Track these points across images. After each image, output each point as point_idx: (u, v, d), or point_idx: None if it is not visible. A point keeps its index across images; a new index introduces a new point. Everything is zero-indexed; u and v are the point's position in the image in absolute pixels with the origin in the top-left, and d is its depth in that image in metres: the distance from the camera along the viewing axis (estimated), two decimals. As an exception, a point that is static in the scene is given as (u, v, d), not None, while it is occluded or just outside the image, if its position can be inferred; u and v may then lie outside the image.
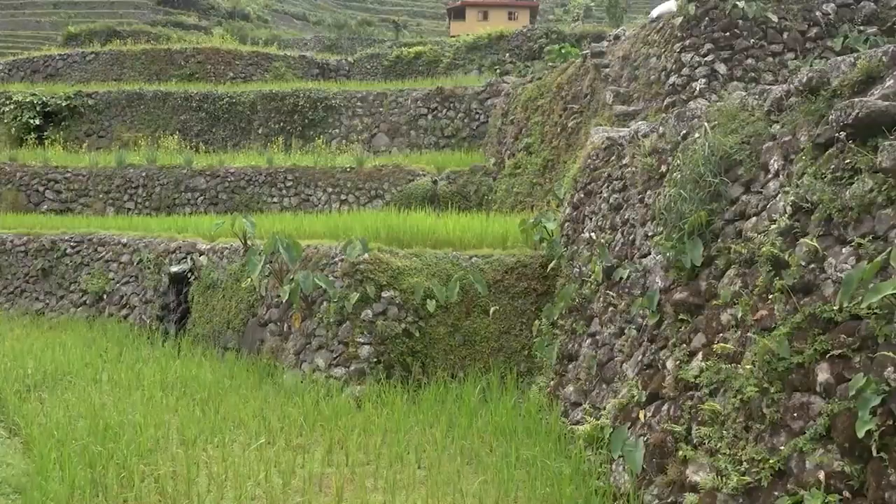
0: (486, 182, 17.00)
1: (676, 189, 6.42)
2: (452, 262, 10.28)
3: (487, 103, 20.33)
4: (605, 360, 7.65)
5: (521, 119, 16.58)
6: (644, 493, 5.78)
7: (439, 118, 21.09)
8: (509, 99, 17.79)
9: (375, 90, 22.60)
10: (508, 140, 16.98)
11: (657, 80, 11.61)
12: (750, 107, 6.07)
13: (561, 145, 14.38)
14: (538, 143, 15.40)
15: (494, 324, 10.01)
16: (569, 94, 14.73)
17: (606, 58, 13.43)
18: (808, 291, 4.77)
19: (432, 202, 16.74)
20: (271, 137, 22.31)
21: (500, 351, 9.93)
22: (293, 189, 19.12)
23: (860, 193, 4.42)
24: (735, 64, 10.50)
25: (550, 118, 15.24)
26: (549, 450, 7.01)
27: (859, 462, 4.02)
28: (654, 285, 6.89)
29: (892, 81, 4.49)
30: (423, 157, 19.41)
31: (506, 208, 15.38)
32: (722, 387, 5.36)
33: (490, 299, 10.05)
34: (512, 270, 10.24)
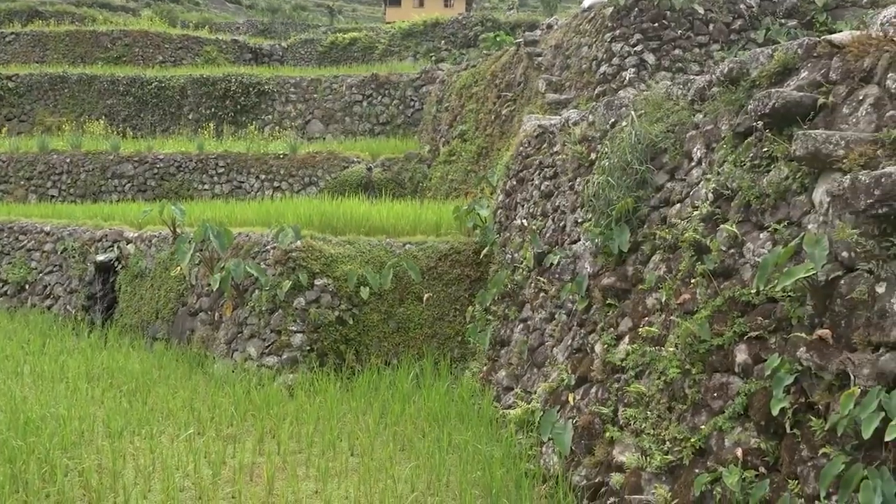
0: (420, 169, 16.99)
1: (604, 176, 6.53)
2: (386, 250, 10.26)
3: (422, 90, 20.29)
4: (536, 345, 7.76)
5: (456, 106, 16.62)
6: (572, 474, 5.90)
7: (374, 105, 20.96)
8: (444, 86, 17.79)
9: (310, 76, 22.29)
10: (443, 127, 17.00)
11: (588, 69, 11.77)
12: (675, 96, 6.21)
13: (495, 133, 14.47)
14: (473, 131, 15.46)
15: (428, 310, 10.05)
16: (503, 82, 14.81)
17: (539, 46, 13.55)
18: (728, 276, 4.92)
19: (367, 189, 16.66)
20: (202, 123, 21.82)
21: (434, 337, 9.98)
22: (225, 176, 18.76)
23: (776, 181, 4.58)
24: (663, 54, 10.73)
25: (485, 106, 15.31)
26: (481, 434, 7.09)
27: (774, 439, 4.18)
28: (584, 271, 7.01)
29: (806, 73, 4.65)
30: (358, 143, 19.27)
31: (440, 195, 15.41)
32: (647, 369, 5.50)
33: (424, 286, 10.08)
34: (446, 257, 10.28)
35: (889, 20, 4.08)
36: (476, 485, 6.07)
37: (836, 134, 4.04)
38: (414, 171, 17.06)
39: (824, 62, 4.56)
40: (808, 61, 4.70)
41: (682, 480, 4.72)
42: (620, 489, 5.22)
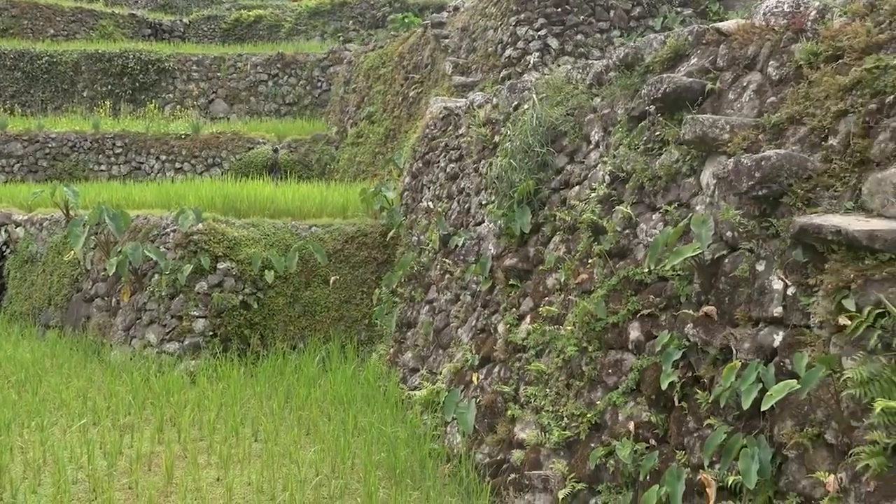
0: (328, 151, 16.77)
1: (507, 159, 6.61)
2: (292, 232, 10.11)
3: (330, 71, 19.98)
4: (441, 327, 7.81)
5: (364, 88, 16.46)
6: (476, 453, 5.99)
7: (280, 85, 20.52)
8: (352, 67, 17.59)
9: (213, 54, 21.60)
10: (351, 109, 16.82)
11: (494, 52, 11.86)
12: (574, 80, 6.32)
13: (403, 115, 14.41)
14: (380, 113, 15.35)
15: (335, 293, 9.97)
16: (410, 64, 14.76)
17: (446, 28, 13.55)
18: (622, 255, 5.07)
19: (273, 171, 16.33)
20: (98, 101, 20.87)
21: (341, 320, 9.92)
22: (123, 156, 18.04)
23: (668, 163, 4.73)
24: (566, 39, 10.91)
25: (392, 87, 15.23)
26: (386, 416, 7.10)
27: (664, 412, 4.35)
28: (487, 252, 7.09)
29: (696, 59, 4.81)
30: (264, 124, 18.84)
31: (348, 177, 15.26)
32: (547, 348, 5.62)
33: (330, 269, 9.99)
34: (352, 239, 10.21)
35: (771, 10, 4.26)
36: (381, 466, 6.08)
37: (722, 119, 4.21)
38: (321, 152, 16.83)
39: (712, 49, 4.73)
40: (698, 48, 4.86)
41: (578, 455, 4.86)
42: (521, 465, 5.33)
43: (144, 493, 5.68)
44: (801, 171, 3.65)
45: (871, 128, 3.44)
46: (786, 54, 4.12)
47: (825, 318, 3.31)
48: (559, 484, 4.86)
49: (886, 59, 3.43)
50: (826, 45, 3.82)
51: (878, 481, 2.91)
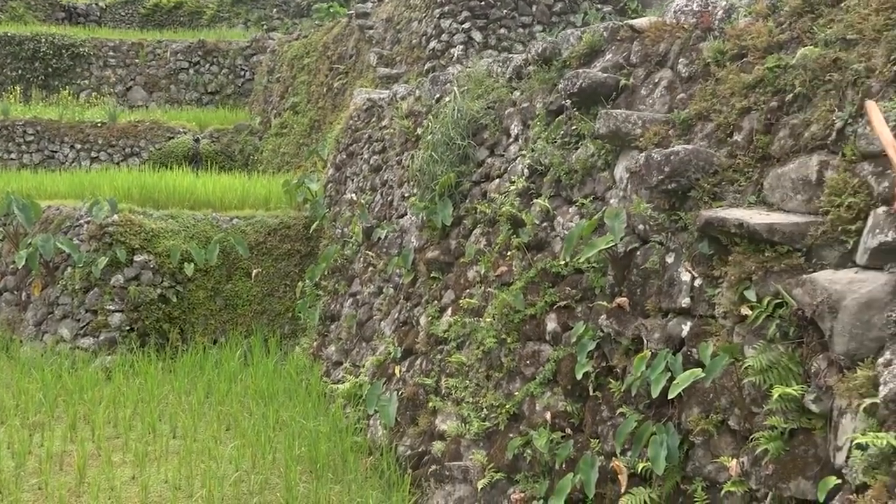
0: (251, 141, 16.47)
1: (429, 151, 6.62)
2: (212, 224, 9.91)
3: (253, 60, 19.59)
4: (364, 319, 7.79)
5: (288, 78, 16.21)
6: (398, 445, 6.00)
7: (202, 73, 20.02)
8: (276, 56, 17.29)
9: (131, 39, 20.90)
10: (275, 99, 16.55)
11: (419, 44, 11.84)
12: (495, 74, 6.37)
13: (327, 106, 14.26)
14: (305, 103, 15.15)
15: (257, 286, 9.83)
16: (335, 55, 14.61)
17: (371, 19, 13.46)
18: (541, 248, 5.14)
19: (194, 161, 15.94)
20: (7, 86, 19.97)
21: (264, 314, 9.78)
22: (35, 144, 17.32)
23: (583, 157, 4.81)
24: (490, 33, 10.98)
25: (317, 78, 15.05)
26: (308, 410, 7.04)
27: (579, 401, 4.43)
28: (410, 245, 7.10)
29: (610, 55, 4.91)
30: (185, 113, 18.35)
31: (272, 169, 15.02)
32: (467, 340, 5.66)
33: (253, 261, 9.84)
34: (275, 232, 10.07)
35: (681, 8, 4.38)
36: (302, 460, 6.03)
37: (635, 114, 4.30)
38: (244, 143, 16.51)
39: (626, 46, 4.83)
40: (613, 44, 4.96)
41: (497, 445, 4.92)
42: (442, 457, 5.36)
43: (55, 493, 5.49)
44: (707, 165, 3.76)
45: (773, 125, 3.57)
46: (695, 52, 4.24)
47: (729, 308, 3.43)
48: (479, 474, 4.91)
49: (786, 58, 3.56)
50: (732, 44, 3.95)
51: (776, 464, 3.03)
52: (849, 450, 2.63)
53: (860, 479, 2.51)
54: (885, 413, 2.37)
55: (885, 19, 3.17)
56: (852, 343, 2.74)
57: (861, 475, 2.50)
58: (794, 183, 3.36)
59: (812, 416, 2.98)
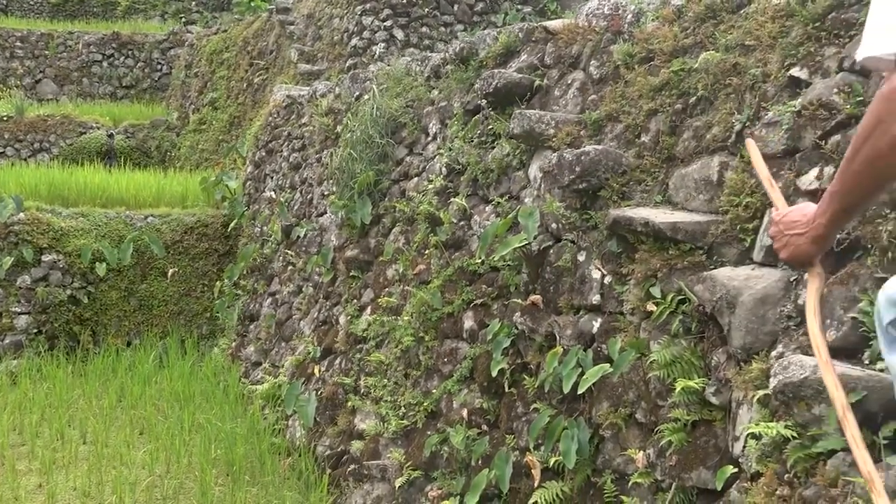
0: (168, 137, 16.04)
1: (348, 149, 6.58)
2: (126, 223, 9.61)
3: (171, 53, 19.07)
4: (284, 319, 7.69)
5: (207, 72, 15.86)
6: (317, 445, 5.95)
7: (117, 66, 19.37)
8: (194, 50, 16.89)
9: (39, 30, 20.05)
10: (193, 94, 16.16)
11: (340, 40, 11.76)
12: (414, 72, 6.38)
13: (248, 102, 14.01)
14: (224, 99, 14.85)
15: (173, 286, 9.58)
16: (255, 50, 14.37)
17: (292, 15, 13.29)
18: (458, 247, 5.18)
19: (108, 158, 15.42)
20: None
21: (181, 314, 9.55)
22: (-65, 139, 16.46)
23: (499, 157, 4.87)
24: (412, 31, 10.99)
25: (237, 73, 14.77)
26: (226, 412, 6.92)
27: (495, 398, 4.49)
28: (330, 243, 7.04)
29: (525, 56, 4.98)
30: (98, 107, 17.71)
31: (191, 165, 14.66)
32: (386, 338, 5.66)
33: (168, 261, 9.58)
34: (192, 230, 9.83)
35: (592, 11, 4.48)
36: (218, 463, 5.92)
37: (548, 114, 4.37)
38: (161, 139, 16.07)
39: (541, 47, 4.90)
40: (528, 45, 5.03)
41: (415, 443, 4.93)
42: (360, 456, 5.35)
43: (-48, 506, 5.25)
44: (616, 166, 3.86)
45: (677, 126, 3.68)
46: (605, 54, 4.34)
47: (636, 305, 3.53)
48: (396, 472, 4.91)
49: (690, 62, 3.68)
50: (640, 48, 4.05)
51: (679, 455, 3.13)
52: (745, 440, 2.74)
53: (754, 467, 2.62)
54: (776, 404, 2.49)
55: (779, 27, 3.31)
56: (748, 337, 2.86)
57: (755, 464, 2.61)
58: (696, 183, 3.48)
59: (713, 408, 3.09)
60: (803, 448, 2.35)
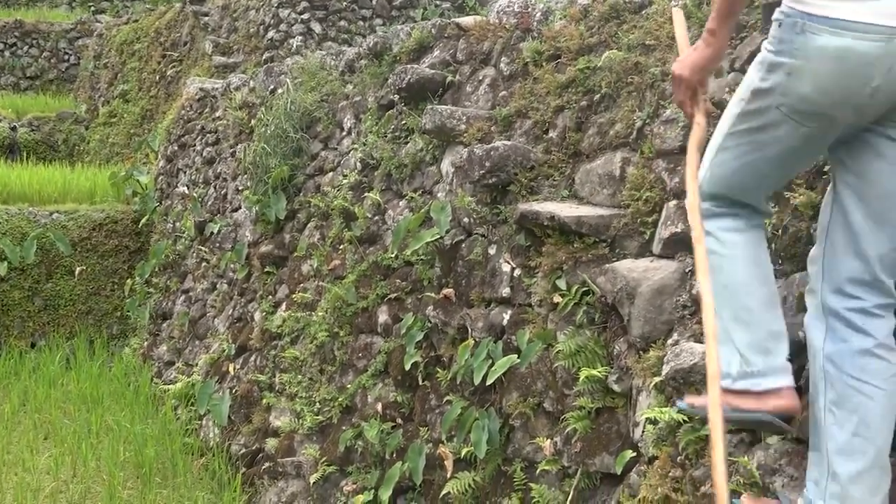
0: (76, 130, 15.46)
1: (262, 144, 6.49)
2: (29, 219, 9.22)
3: (78, 43, 18.34)
4: (198, 317, 7.54)
5: (117, 63, 15.34)
6: (232, 444, 5.87)
7: (20, 56, 18.53)
8: (103, 40, 16.30)
9: (-64, 17, 19.06)
10: (103, 86, 15.62)
11: (257, 33, 11.57)
12: (328, 66, 6.34)
13: (160, 94, 13.63)
14: (136, 91, 14.40)
15: (81, 285, 9.26)
16: (168, 41, 13.98)
17: (206, 5, 12.99)
18: (372, 241, 5.19)
19: (11, 152, 14.75)
20: None
21: (89, 314, 9.24)
22: None
23: (413, 152, 4.90)
24: (330, 25, 10.90)
25: (149, 65, 14.34)
26: (137, 413, 6.74)
27: (409, 392, 4.52)
28: (244, 239, 6.94)
29: (438, 52, 5.01)
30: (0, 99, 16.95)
31: (101, 160, 14.16)
32: (301, 334, 5.62)
33: (76, 259, 9.25)
34: (101, 227, 9.51)
35: (503, 9, 4.54)
36: (127, 466, 5.77)
37: (459, 110, 4.42)
38: (69, 132, 15.47)
39: (453, 43, 4.95)
40: (441, 41, 5.07)
41: (330, 439, 4.92)
42: (275, 453, 5.30)
43: None
44: (525, 161, 3.93)
45: (583, 123, 3.78)
46: (515, 52, 4.41)
47: (543, 297, 3.61)
48: (311, 469, 4.89)
49: (595, 60, 3.78)
50: (548, 45, 4.14)
51: (584, 442, 3.22)
52: (643, 425, 2.85)
53: (651, 451, 2.73)
54: (670, 390, 2.59)
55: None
56: (646, 326, 2.97)
57: (651, 447, 2.72)
58: (600, 178, 3.58)
59: (615, 396, 3.19)
60: (693, 431, 2.46)
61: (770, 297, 2.07)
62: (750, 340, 2.02)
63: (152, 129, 12.00)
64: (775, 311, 2.07)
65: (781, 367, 2.03)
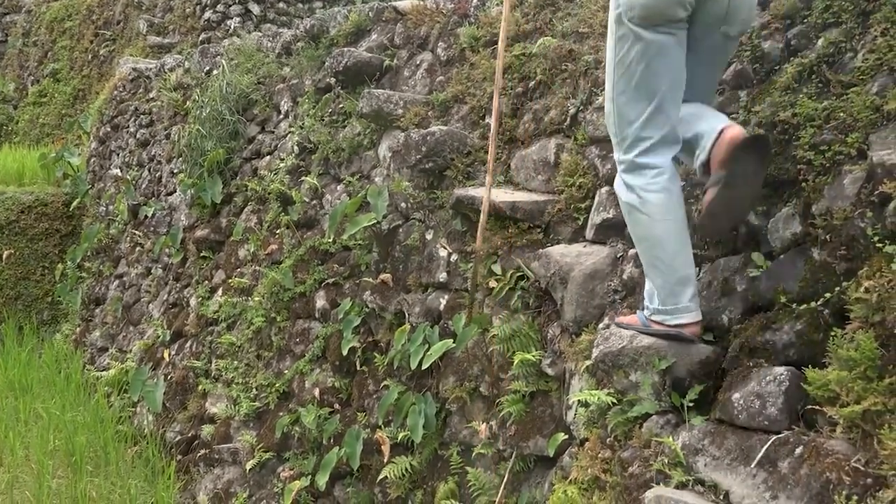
0: (4, 110, 14.89)
1: (197, 126, 6.36)
2: (-48, 202, 8.87)
3: (6, 20, 17.66)
4: (132, 302, 7.37)
5: (47, 42, 14.81)
6: (167, 431, 5.77)
7: (-58, 31, 17.76)
8: (32, 17, 15.72)
9: None
10: (32, 64, 15.06)
11: (193, 13, 11.29)
12: (265, 48, 6.24)
13: (93, 74, 13.22)
14: (67, 70, 13.94)
15: (10, 269, 8.95)
16: (101, 19, 13.54)
17: (141, -17, 12.61)
18: (310, 226, 5.14)
19: (-67, 131, 14.16)
20: None
21: (18, 299, 8.94)
22: None
23: (350, 136, 4.86)
24: (268, 6, 10.70)
25: (81, 43, 13.88)
26: (67, 400, 6.57)
27: (347, 377, 4.50)
28: (179, 223, 6.81)
29: (376, 35, 4.98)
30: (-78, 76, 16.21)
31: (30, 141, 13.69)
32: (238, 320, 5.55)
33: (3, 242, 8.94)
34: (30, 210, 9.20)
35: (438, -7, 4.53)
36: (57, 455, 5.62)
37: (396, 94, 4.40)
38: (-4, 111, 14.91)
39: (391, 27, 4.92)
40: (378, 24, 5.03)
41: (267, 425, 4.88)
42: (211, 440, 5.23)
43: None
44: (462, 146, 3.94)
45: (518, 109, 3.80)
46: (452, 37, 4.41)
47: (479, 281, 3.63)
48: (248, 455, 4.85)
49: (531, 47, 3.81)
50: (485, 31, 4.15)
51: (518, 425, 3.26)
52: (575, 408, 2.90)
53: (582, 433, 2.78)
54: (601, 373, 2.64)
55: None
56: (579, 311, 3.01)
57: (583, 430, 2.77)
58: (535, 164, 3.61)
59: (549, 380, 3.24)
60: (622, 413, 2.51)
61: (681, 246, 2.40)
62: (662, 283, 2.42)
63: (84, 110, 11.64)
64: (686, 256, 2.41)
65: (685, 308, 2.41)
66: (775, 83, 2.65)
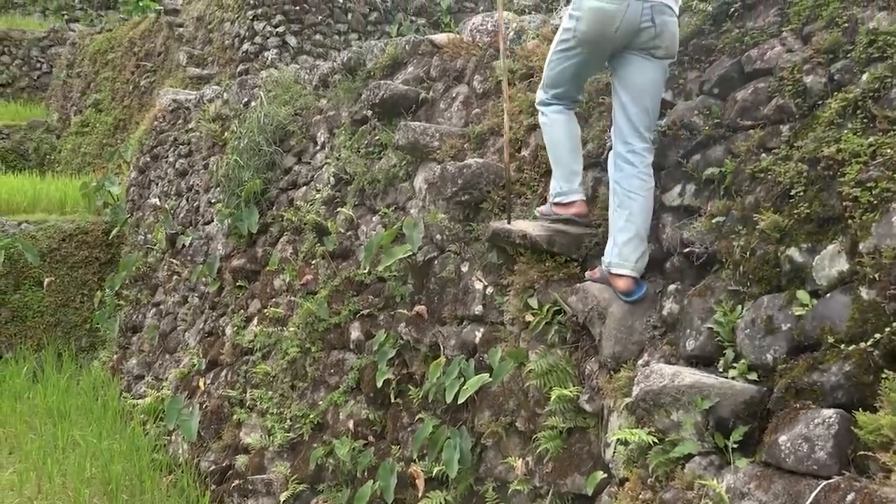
0: (48, 139, 15.27)
1: (235, 156, 6.45)
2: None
3: (51, 52, 18.14)
4: (168, 330, 7.45)
5: (90, 73, 15.19)
6: (201, 461, 5.79)
7: (-9, 63, 18.30)
8: (76, 49, 16.15)
9: None
10: (75, 95, 15.45)
11: (232, 45, 11.51)
12: (303, 80, 6.32)
13: (134, 105, 13.51)
14: (109, 101, 14.27)
15: (50, 296, 9.12)
16: (142, 51, 13.87)
17: (181, 16, 12.91)
18: (345, 257, 5.16)
19: (-20, 160, 14.54)
20: None
21: (58, 326, 9.09)
22: None
23: (386, 168, 4.88)
24: (305, 38, 10.87)
25: (122, 75, 14.21)
26: (104, 428, 6.63)
27: (381, 409, 4.49)
28: (216, 252, 6.88)
29: (412, 68, 5.02)
30: (-30, 107, 16.69)
31: (72, 170, 14.00)
32: (273, 349, 5.57)
33: (45, 269, 9.11)
34: (71, 237, 9.39)
35: (476, 27, 4.56)
36: (93, 483, 5.67)
37: (432, 127, 4.42)
38: (39, 141, 15.27)
39: (427, 60, 4.96)
40: (415, 57, 5.07)
41: (301, 456, 4.87)
42: (245, 470, 5.24)
43: None
44: (498, 179, 3.94)
45: (555, 142, 3.78)
46: (488, 70, 4.42)
47: (515, 315, 3.60)
48: (282, 486, 4.84)
49: (567, 80, 3.79)
50: (521, 64, 4.16)
51: (555, 462, 3.22)
52: (614, 446, 2.85)
53: (622, 472, 2.73)
54: (640, 411, 2.59)
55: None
56: (617, 346, 2.97)
57: (622, 469, 2.72)
58: (572, 197, 3.58)
59: (586, 416, 3.19)
60: (664, 453, 2.46)
61: (573, 150, 3.42)
62: (561, 174, 3.42)
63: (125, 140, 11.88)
64: (576, 157, 3.43)
65: (576, 189, 3.40)
66: (818, 118, 2.61)
